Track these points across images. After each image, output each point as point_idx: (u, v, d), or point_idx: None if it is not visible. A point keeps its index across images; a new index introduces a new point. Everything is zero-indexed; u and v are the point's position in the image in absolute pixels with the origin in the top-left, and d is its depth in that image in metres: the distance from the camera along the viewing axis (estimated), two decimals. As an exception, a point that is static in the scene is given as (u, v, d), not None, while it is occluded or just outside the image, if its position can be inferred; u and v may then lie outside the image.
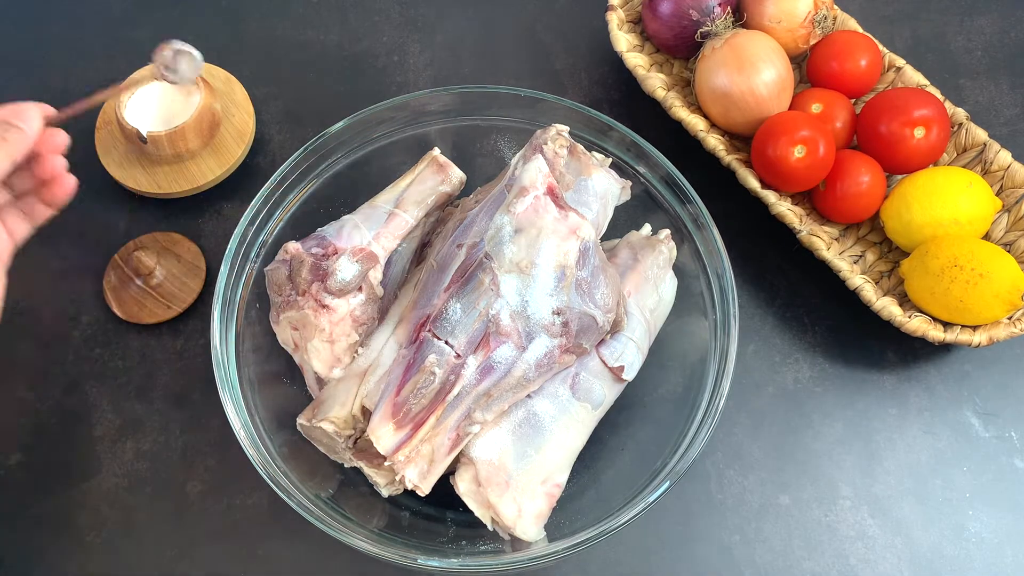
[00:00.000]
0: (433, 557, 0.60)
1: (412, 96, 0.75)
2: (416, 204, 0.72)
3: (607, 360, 0.66)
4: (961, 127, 0.81)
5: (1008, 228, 0.79)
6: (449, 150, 0.76)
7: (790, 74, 0.81)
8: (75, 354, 0.78)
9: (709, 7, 0.82)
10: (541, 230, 0.62)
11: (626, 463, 0.69)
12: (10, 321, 0.79)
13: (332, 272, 0.67)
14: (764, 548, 0.72)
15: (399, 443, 0.60)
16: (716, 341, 0.68)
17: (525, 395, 0.63)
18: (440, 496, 0.64)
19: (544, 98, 0.74)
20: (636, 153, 0.73)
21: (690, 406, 0.67)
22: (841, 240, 0.82)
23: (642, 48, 0.88)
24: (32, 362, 0.78)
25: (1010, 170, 0.79)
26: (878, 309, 0.74)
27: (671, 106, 0.82)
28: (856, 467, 0.75)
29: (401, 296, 0.70)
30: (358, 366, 0.66)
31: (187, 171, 0.83)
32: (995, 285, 0.71)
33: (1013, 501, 0.74)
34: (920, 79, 0.83)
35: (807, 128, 0.76)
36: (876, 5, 0.96)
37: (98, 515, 0.72)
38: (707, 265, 0.70)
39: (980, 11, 0.95)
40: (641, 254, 0.70)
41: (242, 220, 0.70)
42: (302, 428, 0.66)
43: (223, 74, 0.88)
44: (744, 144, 0.84)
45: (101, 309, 0.80)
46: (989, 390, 0.78)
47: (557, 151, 0.67)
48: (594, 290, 0.62)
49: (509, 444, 0.63)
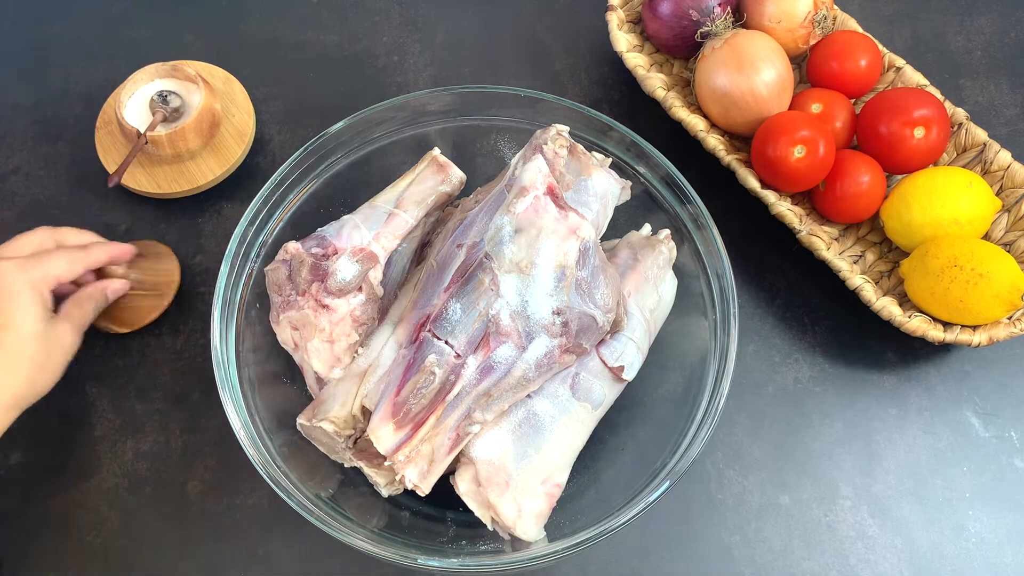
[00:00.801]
0: (433, 557, 0.60)
1: (412, 96, 0.75)
2: (416, 204, 0.72)
3: (607, 360, 0.66)
4: (961, 127, 0.81)
5: (1008, 228, 0.79)
6: (449, 150, 0.76)
7: (790, 74, 0.81)
8: (75, 354, 0.78)
9: (709, 7, 0.82)
10: (541, 230, 0.62)
11: (626, 463, 0.69)
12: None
13: (332, 272, 0.67)
14: (764, 548, 0.72)
15: (399, 443, 0.60)
16: (716, 341, 0.68)
17: (525, 395, 0.63)
18: (440, 496, 0.64)
19: (544, 98, 0.74)
20: (636, 153, 0.73)
21: (690, 406, 0.67)
22: (841, 240, 0.82)
23: (642, 48, 0.88)
24: (32, 362, 0.78)
25: (1010, 170, 0.79)
26: (878, 309, 0.74)
27: (671, 106, 0.82)
28: (856, 467, 0.75)
29: (401, 296, 0.70)
30: (358, 366, 0.66)
31: (187, 171, 0.83)
32: (995, 285, 0.71)
33: (1013, 501, 0.74)
34: (920, 79, 0.83)
35: (807, 128, 0.76)
36: (876, 5, 0.96)
37: (98, 515, 0.72)
38: (707, 265, 0.70)
39: (980, 11, 0.95)
40: (641, 254, 0.70)
41: (242, 220, 0.70)
42: (302, 428, 0.66)
43: (223, 74, 0.88)
44: (744, 144, 0.84)
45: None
46: (989, 390, 0.78)
47: (557, 151, 0.67)
48: (594, 290, 0.62)
49: (509, 444, 0.63)
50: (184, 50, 0.86)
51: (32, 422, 0.75)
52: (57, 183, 0.85)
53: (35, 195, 0.85)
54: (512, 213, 0.63)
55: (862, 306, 0.76)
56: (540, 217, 0.62)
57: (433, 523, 0.67)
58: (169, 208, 0.84)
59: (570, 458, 0.65)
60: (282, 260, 0.69)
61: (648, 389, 0.71)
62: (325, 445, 0.67)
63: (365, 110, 0.74)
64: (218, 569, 0.71)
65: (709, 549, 0.72)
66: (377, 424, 0.60)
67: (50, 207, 0.84)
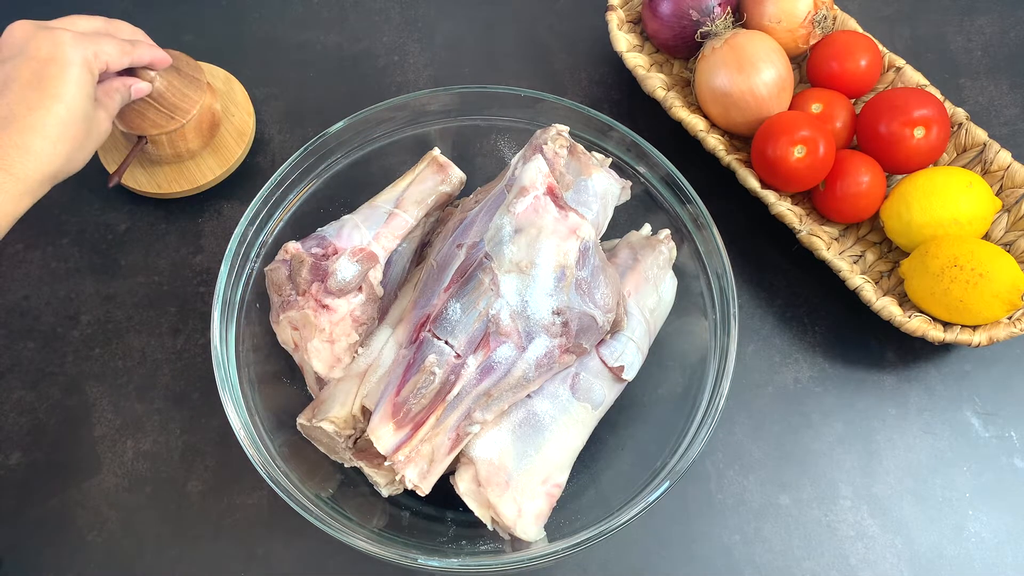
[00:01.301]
0: (433, 557, 0.60)
1: (412, 96, 0.75)
2: (416, 204, 0.72)
3: (607, 360, 0.66)
4: (961, 127, 0.81)
5: (1008, 228, 0.79)
6: (449, 150, 0.76)
7: (790, 74, 0.81)
8: (75, 354, 0.78)
9: (709, 7, 0.82)
10: (541, 230, 0.62)
11: (626, 463, 0.69)
12: (10, 321, 0.79)
13: (332, 272, 0.67)
14: (764, 548, 0.72)
15: (399, 443, 0.60)
16: (716, 341, 0.68)
17: (525, 395, 0.63)
18: (440, 496, 0.64)
19: (544, 98, 0.74)
20: (636, 153, 0.73)
21: (690, 406, 0.67)
22: (841, 240, 0.82)
23: (642, 48, 0.88)
24: (32, 362, 0.78)
25: (1010, 170, 0.79)
26: (878, 309, 0.74)
27: (671, 106, 0.82)
28: (856, 467, 0.75)
29: (401, 296, 0.70)
30: (358, 366, 0.66)
31: (187, 171, 0.83)
32: (995, 285, 0.71)
33: (1013, 501, 0.74)
34: (920, 79, 0.83)
35: (807, 128, 0.76)
36: (876, 5, 0.96)
37: (98, 515, 0.72)
38: (707, 265, 0.70)
39: (980, 11, 0.95)
40: (641, 254, 0.70)
41: (242, 220, 0.70)
42: (302, 428, 0.66)
43: (223, 74, 0.88)
44: (744, 144, 0.84)
45: (101, 309, 0.80)
46: (989, 390, 0.78)
47: (557, 151, 0.67)
48: (594, 290, 0.62)
49: (509, 444, 0.63)
50: (185, 50, 0.85)
51: (32, 422, 0.75)
52: (58, 184, 0.85)
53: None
54: (512, 213, 0.63)
55: (862, 306, 0.76)
56: (540, 217, 0.62)
57: (433, 523, 0.67)
58: (169, 208, 0.84)
59: (570, 458, 0.65)
60: (282, 260, 0.69)
61: (648, 389, 0.71)
62: (325, 445, 0.67)
63: (365, 110, 0.74)
64: (218, 569, 0.71)
65: (709, 549, 0.72)
66: (377, 424, 0.60)
67: (51, 207, 0.84)
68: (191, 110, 0.79)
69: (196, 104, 0.79)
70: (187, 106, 0.79)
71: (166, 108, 0.78)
